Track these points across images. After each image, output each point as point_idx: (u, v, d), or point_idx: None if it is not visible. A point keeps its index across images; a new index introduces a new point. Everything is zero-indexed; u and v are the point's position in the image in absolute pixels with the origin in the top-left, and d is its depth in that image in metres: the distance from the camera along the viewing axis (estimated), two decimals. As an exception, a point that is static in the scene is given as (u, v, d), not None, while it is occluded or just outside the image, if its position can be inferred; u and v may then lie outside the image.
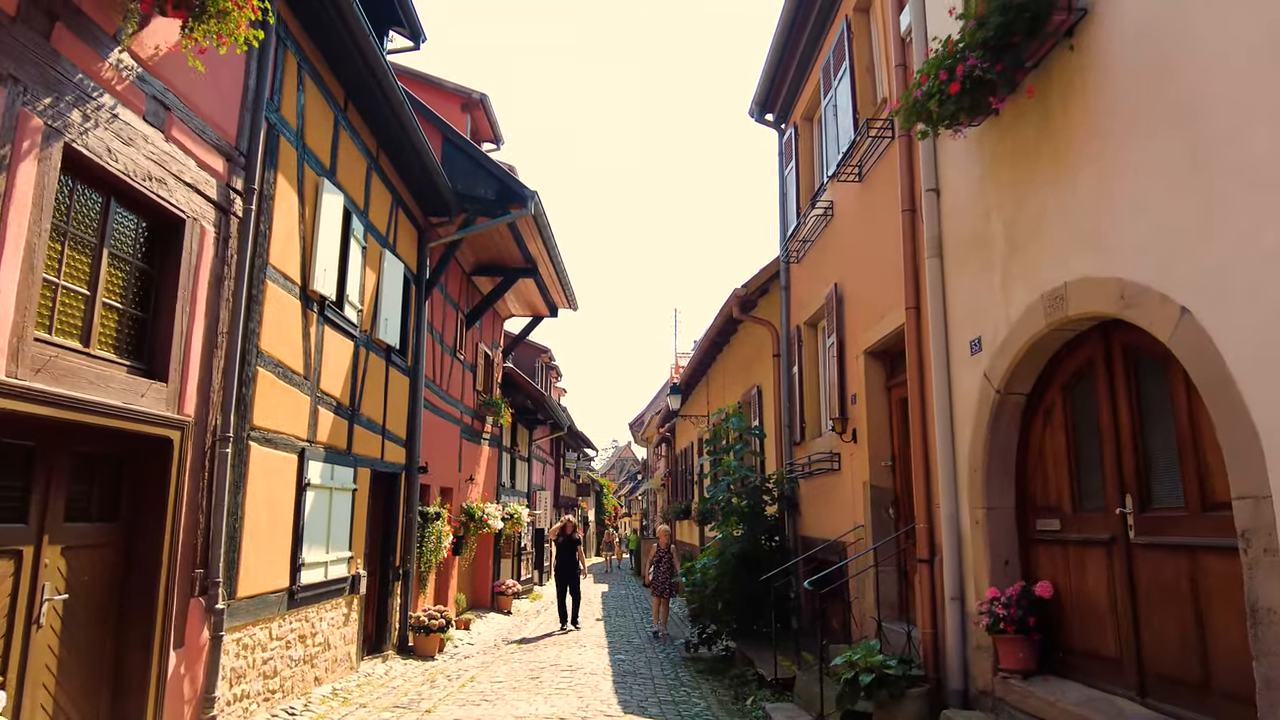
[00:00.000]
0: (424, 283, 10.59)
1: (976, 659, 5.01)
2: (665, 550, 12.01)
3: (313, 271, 6.95)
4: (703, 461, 17.29)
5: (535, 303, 16.28)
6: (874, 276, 7.09)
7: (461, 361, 13.34)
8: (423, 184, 9.89)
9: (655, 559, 12.08)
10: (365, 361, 8.48)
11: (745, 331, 12.48)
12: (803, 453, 9.17)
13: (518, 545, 17.99)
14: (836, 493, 7.92)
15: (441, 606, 10.05)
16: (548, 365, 24.39)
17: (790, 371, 9.76)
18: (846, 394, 7.66)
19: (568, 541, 13.13)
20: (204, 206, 5.36)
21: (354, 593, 8.07)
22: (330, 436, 7.47)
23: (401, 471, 9.84)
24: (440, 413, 12.04)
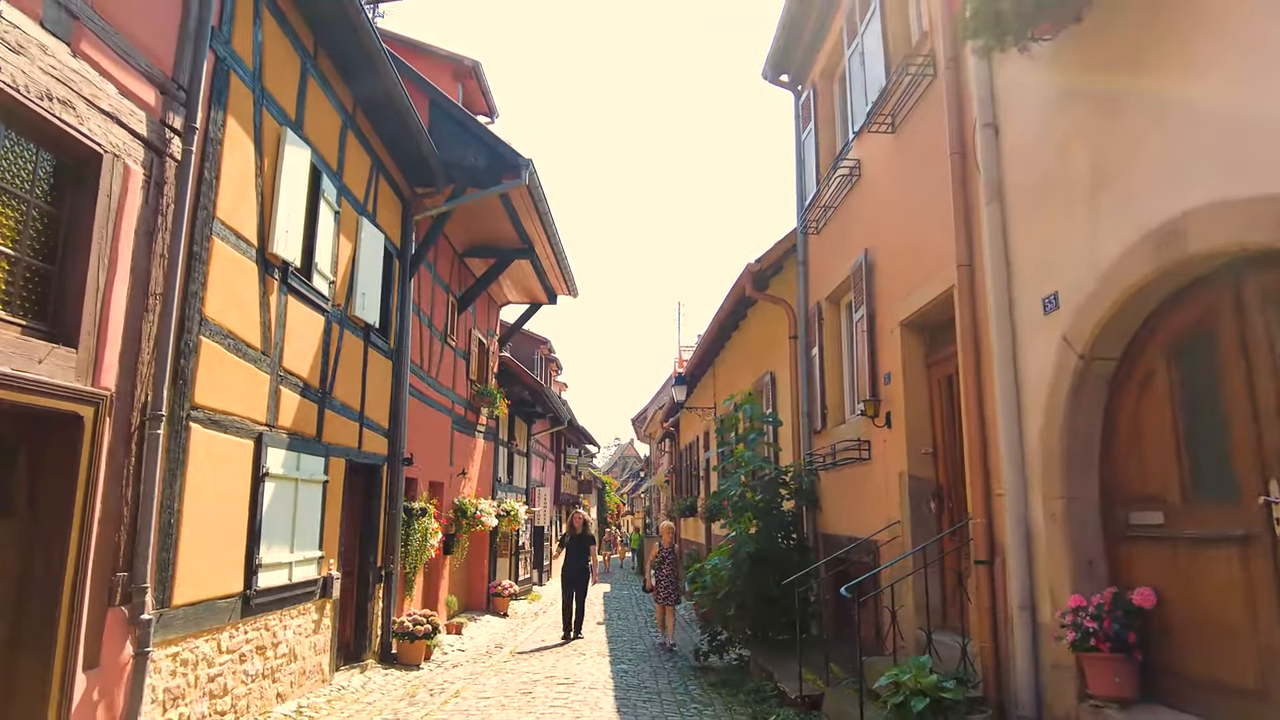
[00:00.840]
0: (409, 258, 9.74)
1: (1054, 681, 4.15)
2: (669, 550, 10.58)
3: (272, 232, 6.10)
4: (709, 456, 16.46)
5: (533, 288, 15.43)
6: (911, 238, 6.24)
7: (453, 348, 12.49)
8: (406, 149, 9.03)
9: (657, 560, 10.57)
10: (339, 340, 7.63)
11: (757, 314, 11.63)
12: (824, 442, 8.32)
13: (515, 544, 17.15)
14: (866, 485, 7.06)
15: (429, 611, 9.21)
16: (547, 357, 23.55)
17: (809, 354, 8.91)
18: (878, 373, 6.80)
19: (579, 540, 11.49)
20: (129, 142, 4.51)
21: (326, 597, 7.23)
22: (296, 421, 6.63)
23: (383, 464, 9.00)
24: (429, 401, 11.20)
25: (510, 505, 14.82)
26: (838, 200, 8.08)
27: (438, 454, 11.62)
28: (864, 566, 6.67)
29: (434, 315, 11.43)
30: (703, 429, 18.09)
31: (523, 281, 14.97)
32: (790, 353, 9.42)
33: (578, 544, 11.45)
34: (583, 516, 11.88)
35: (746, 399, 8.87)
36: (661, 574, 10.41)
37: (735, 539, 8.07)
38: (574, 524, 11.66)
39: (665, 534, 11.01)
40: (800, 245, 9.28)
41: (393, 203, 9.36)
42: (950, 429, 5.89)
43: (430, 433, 11.23)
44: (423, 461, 10.68)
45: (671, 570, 10.42)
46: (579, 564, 11.28)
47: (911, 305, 6.17)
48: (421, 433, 10.73)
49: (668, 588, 10.35)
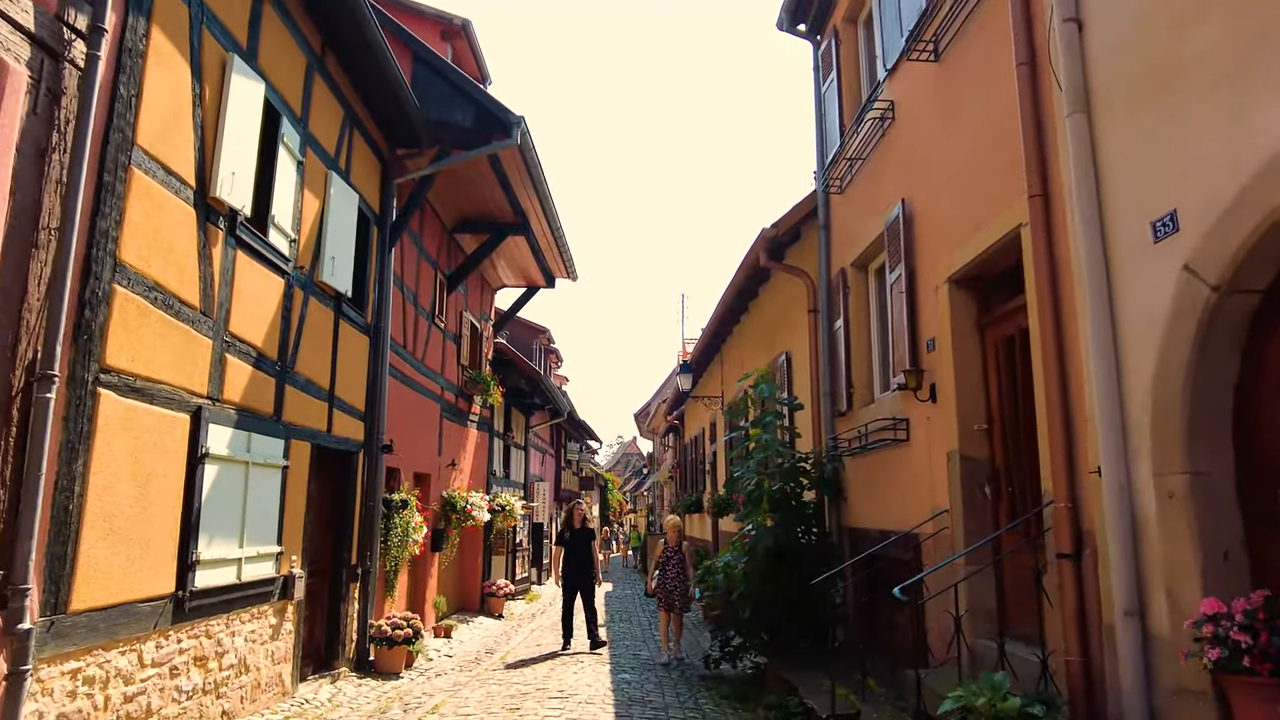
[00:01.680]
0: (389, 225, 8.85)
1: (1178, 711, 3.24)
2: (675, 549, 9.14)
3: (215, 173, 5.22)
4: (716, 448, 15.58)
5: (529, 270, 14.55)
6: (961, 179, 5.34)
7: (442, 330, 11.61)
8: (384, 103, 8.14)
9: (661, 560, 9.12)
10: (303, 307, 6.75)
11: (770, 290, 10.74)
12: (849, 425, 7.42)
13: (512, 541, 16.26)
14: (904, 470, 6.17)
15: (410, 614, 8.32)
16: (546, 348, 22.66)
17: (832, 328, 8.01)
18: (919, 340, 5.90)
19: (578, 534, 9.99)
20: (7, 35, 3.63)
21: (286, 598, 6.34)
22: (247, 396, 5.74)
23: (358, 450, 8.11)
24: (414, 385, 10.32)
25: (506, 500, 13.94)
26: (866, 150, 7.18)
27: (424, 443, 10.74)
28: (899, 564, 5.78)
29: (420, 292, 10.55)
30: (709, 420, 17.20)
31: (518, 262, 14.10)
32: (810, 328, 8.52)
33: (577, 540, 10.00)
34: (582, 510, 10.33)
35: (761, 379, 7.98)
36: (666, 576, 8.95)
37: (751, 533, 7.17)
38: (572, 517, 10.17)
39: (671, 530, 9.48)
40: (821, 208, 8.38)
41: (370, 163, 8.47)
42: (1011, 399, 4.99)
43: (416, 419, 10.35)
44: (406, 450, 9.80)
45: (678, 572, 8.91)
46: (580, 563, 9.86)
47: (961, 258, 5.27)
48: (406, 419, 9.85)
49: (673, 592, 8.86)
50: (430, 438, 11.03)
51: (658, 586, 9.00)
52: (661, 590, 8.93)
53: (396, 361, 9.56)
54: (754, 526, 7.11)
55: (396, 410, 9.45)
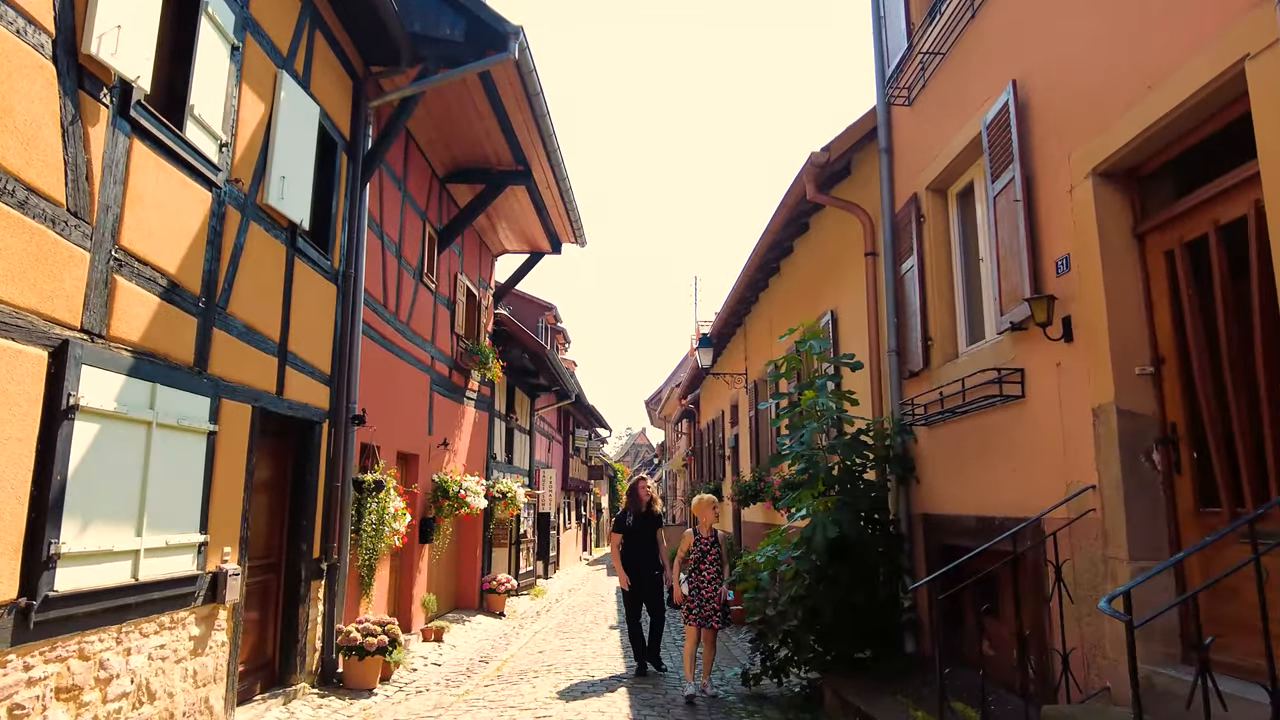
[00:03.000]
0: (362, 155, 7.43)
1: None
2: (710, 540, 6.63)
3: (91, 22, 3.80)
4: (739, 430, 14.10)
5: (533, 233, 13.12)
6: (1115, 29, 3.88)
7: (433, 292, 10.20)
8: (355, 4, 6.72)
9: (694, 557, 6.62)
10: (241, 234, 5.34)
11: (808, 246, 9.29)
12: (924, 388, 5.98)
13: (515, 531, 14.90)
14: (1016, 436, 4.72)
15: (386, 618, 6.92)
16: (553, 326, 21.25)
17: (898, 271, 6.56)
18: (1043, 261, 4.45)
19: (643, 521, 7.48)
20: None
21: (215, 601, 4.96)
22: (151, 336, 4.35)
23: (322, 420, 6.71)
24: (399, 352, 8.92)
25: (507, 486, 12.55)
26: (949, 41, 5.71)
27: (411, 419, 9.35)
28: (994, 557, 4.34)
29: (405, 244, 9.14)
30: (729, 401, 15.78)
31: (520, 224, 12.69)
32: (867, 277, 7.07)
33: (643, 528, 7.45)
34: (649, 488, 7.74)
35: (809, 333, 6.55)
36: (701, 580, 6.50)
37: (803, 522, 5.73)
38: (636, 497, 7.58)
39: (704, 514, 6.79)
40: (883, 128, 6.91)
41: (337, 76, 7.04)
42: (1200, 328, 3.54)
43: (400, 391, 8.96)
44: (388, 425, 8.40)
45: (716, 573, 6.53)
46: (645, 560, 7.28)
47: (1113, 141, 3.81)
48: (387, 390, 8.45)
49: (709, 601, 6.42)
50: (418, 413, 9.64)
51: (690, 595, 6.50)
52: (696, 599, 6.47)
53: (374, 321, 8.16)
54: (808, 512, 5.66)
55: (375, 378, 8.06)
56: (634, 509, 7.61)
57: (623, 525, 7.60)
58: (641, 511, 7.57)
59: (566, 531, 24.61)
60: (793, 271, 10.22)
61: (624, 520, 7.62)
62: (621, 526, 7.61)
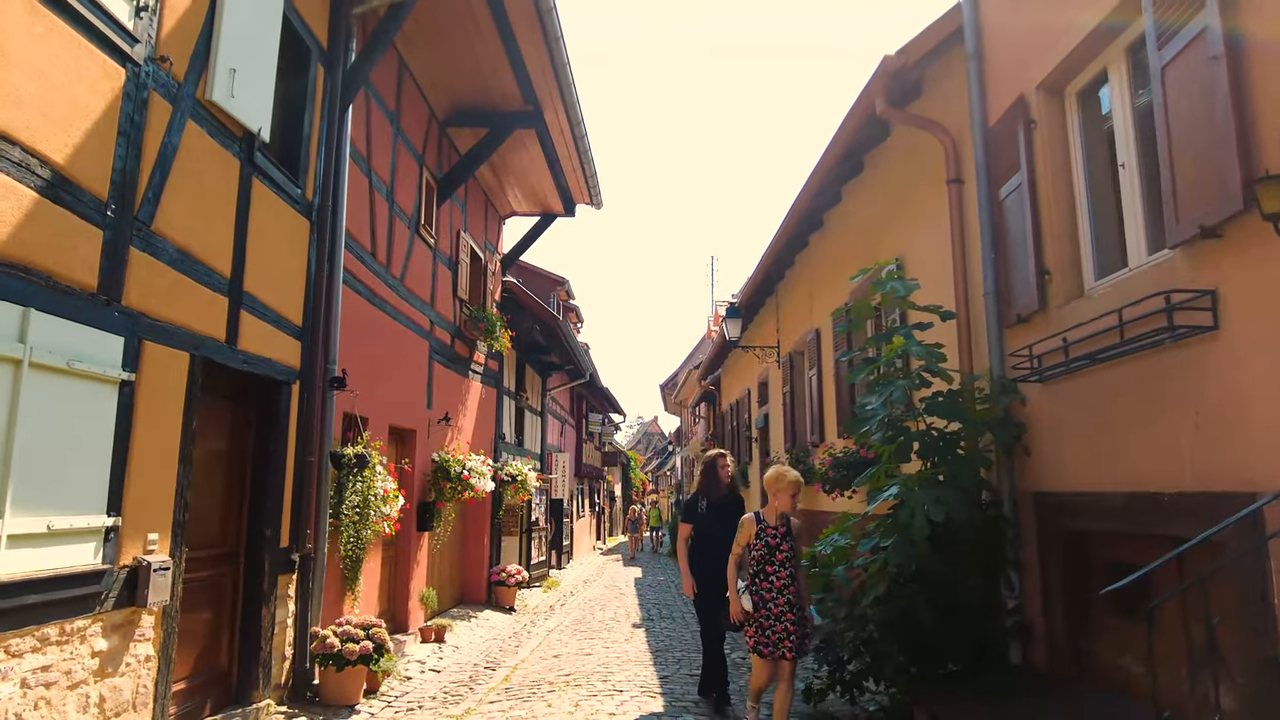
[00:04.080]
0: (342, 69, 6.23)
1: None
2: (779, 533, 4.72)
3: None
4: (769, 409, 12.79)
5: (544, 192, 11.92)
6: None
7: (431, 247, 9.02)
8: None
9: (757, 555, 4.72)
10: (173, 133, 4.15)
11: (863, 188, 8.04)
12: (1035, 334, 4.75)
13: (526, 519, 13.76)
14: (1200, 384, 3.49)
15: (371, 619, 5.77)
16: (565, 304, 20.05)
17: (994, 197, 5.32)
18: (1260, 132, 3.20)
19: (720, 509, 5.61)
20: None
21: (134, 604, 3.80)
22: (19, 241, 3.17)
23: (291, 381, 5.55)
24: (391, 311, 7.74)
25: (517, 469, 11.39)
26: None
27: (406, 389, 8.18)
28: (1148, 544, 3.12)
29: (398, 190, 7.94)
30: (757, 378, 14.55)
31: (530, 179, 11.48)
32: (951, 208, 5.83)
33: (720, 519, 5.48)
34: (729, 467, 5.85)
35: (889, 274, 5.32)
36: (768, 589, 4.62)
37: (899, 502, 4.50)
38: (714, 477, 5.75)
39: (778, 494, 4.79)
40: (969, 26, 5.64)
41: (310, -32, 5.85)
42: None
43: (393, 357, 7.78)
44: (378, 395, 7.24)
45: (788, 581, 4.65)
46: (723, 560, 5.01)
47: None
48: (377, 353, 7.29)
49: (780, 618, 4.55)
50: (415, 384, 8.47)
51: (760, 608, 4.58)
52: (767, 618, 4.54)
53: (361, 272, 6.98)
54: (899, 491, 4.43)
55: (362, 338, 6.89)
56: (710, 493, 5.71)
57: (694, 514, 5.70)
58: (720, 497, 5.69)
59: (580, 519, 23.50)
60: (841, 224, 8.97)
61: (695, 507, 5.72)
62: (692, 515, 5.73)
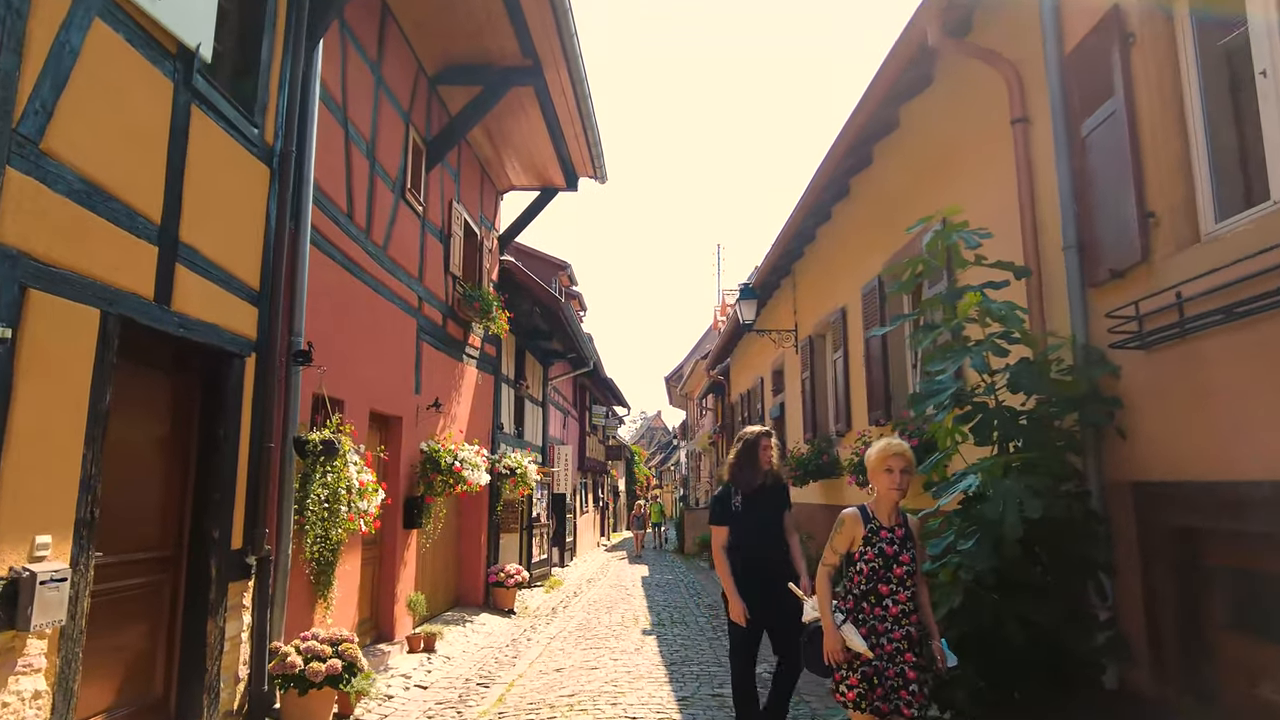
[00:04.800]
0: None
1: None
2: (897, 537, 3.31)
3: None
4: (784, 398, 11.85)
5: (544, 163, 11.10)
6: None
7: (419, 215, 8.18)
8: None
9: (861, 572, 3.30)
10: (69, 30, 3.31)
11: (903, 140, 7.19)
12: (1135, 292, 3.90)
13: (527, 515, 12.96)
14: None
15: (340, 634, 4.95)
16: (568, 289, 19.20)
17: (1074, 133, 4.47)
18: None
19: (763, 499, 4.33)
20: None
21: (12, 627, 2.97)
22: None
23: (245, 354, 4.71)
24: (371, 282, 6.91)
25: (516, 461, 10.59)
26: None
27: (390, 370, 7.35)
28: None
29: (380, 147, 7.11)
30: (771, 365, 13.72)
31: (530, 149, 10.66)
32: (1016, 152, 4.98)
33: (760, 513, 4.32)
34: (771, 450, 4.41)
35: (949, 226, 4.48)
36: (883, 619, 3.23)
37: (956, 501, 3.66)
38: (753, 461, 4.36)
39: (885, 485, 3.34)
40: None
41: (268, -128, 5.00)
42: None
43: (375, 334, 6.96)
44: (356, 375, 6.42)
45: (907, 606, 3.26)
46: (768, 565, 4.20)
47: None
48: (354, 328, 6.46)
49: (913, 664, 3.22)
50: (400, 365, 7.64)
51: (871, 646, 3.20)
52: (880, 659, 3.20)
53: (335, 235, 6.15)
54: (979, 482, 3.59)
55: (336, 310, 6.07)
56: (745, 482, 4.30)
57: (727, 513, 4.29)
58: (758, 486, 4.30)
59: (584, 515, 22.70)
60: (871, 188, 8.12)
61: (728, 502, 4.30)
62: (725, 515, 4.30)
